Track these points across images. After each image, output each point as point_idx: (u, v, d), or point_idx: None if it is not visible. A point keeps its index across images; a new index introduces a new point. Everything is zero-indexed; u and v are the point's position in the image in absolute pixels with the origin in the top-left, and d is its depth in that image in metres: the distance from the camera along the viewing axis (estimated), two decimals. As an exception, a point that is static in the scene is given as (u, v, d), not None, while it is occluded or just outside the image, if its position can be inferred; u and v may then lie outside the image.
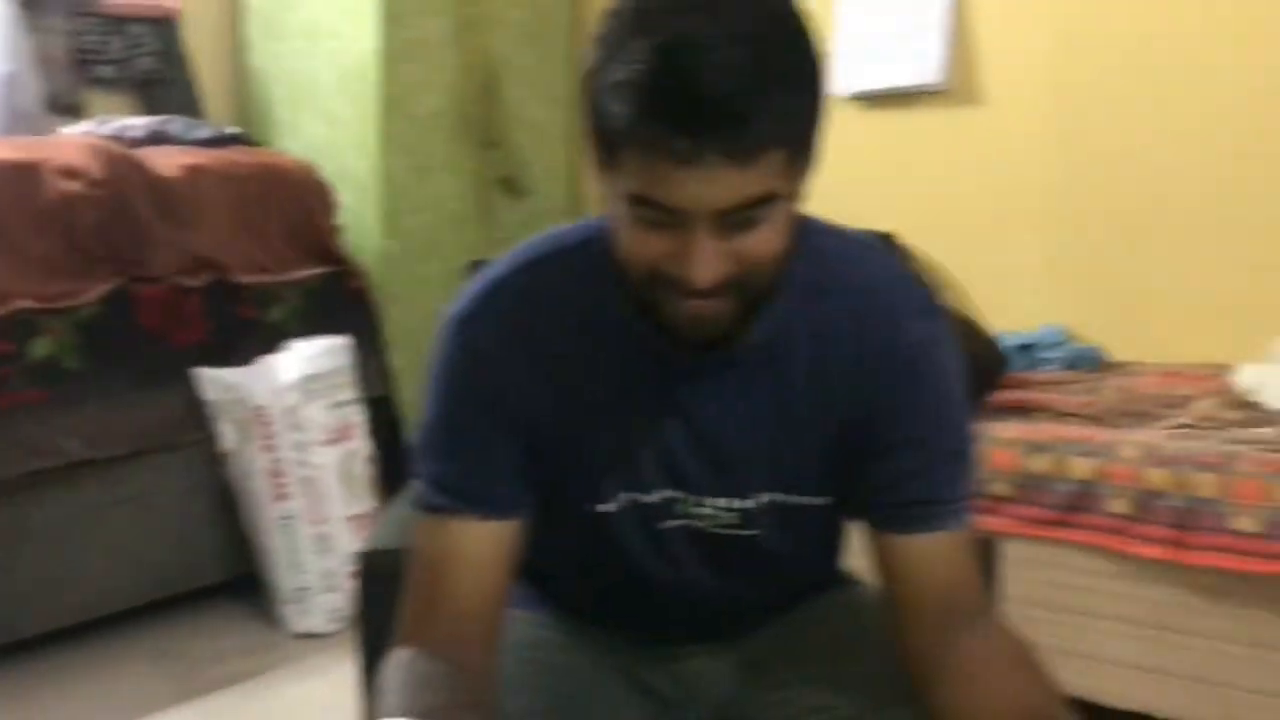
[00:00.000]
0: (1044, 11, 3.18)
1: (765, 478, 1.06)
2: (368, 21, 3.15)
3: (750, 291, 0.93)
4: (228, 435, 2.66)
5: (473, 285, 1.05)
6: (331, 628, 2.66)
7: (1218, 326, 2.99)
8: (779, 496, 1.07)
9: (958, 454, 1.05)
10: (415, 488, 1.04)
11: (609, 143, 0.88)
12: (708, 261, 0.88)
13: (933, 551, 1.03)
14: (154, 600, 2.68)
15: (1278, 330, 2.66)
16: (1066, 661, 2.12)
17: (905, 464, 1.03)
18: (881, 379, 1.03)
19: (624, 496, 1.06)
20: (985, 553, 1.22)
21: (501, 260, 1.06)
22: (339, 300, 2.96)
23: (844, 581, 1.25)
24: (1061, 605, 2.13)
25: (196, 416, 2.65)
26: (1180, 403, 2.57)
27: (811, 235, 1.04)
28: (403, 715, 0.88)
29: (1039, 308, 3.24)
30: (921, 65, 3.34)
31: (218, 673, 2.49)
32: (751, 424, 1.04)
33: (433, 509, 1.02)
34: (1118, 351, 3.13)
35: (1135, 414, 2.46)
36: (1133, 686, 2.07)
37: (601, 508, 1.06)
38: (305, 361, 2.69)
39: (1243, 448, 2.07)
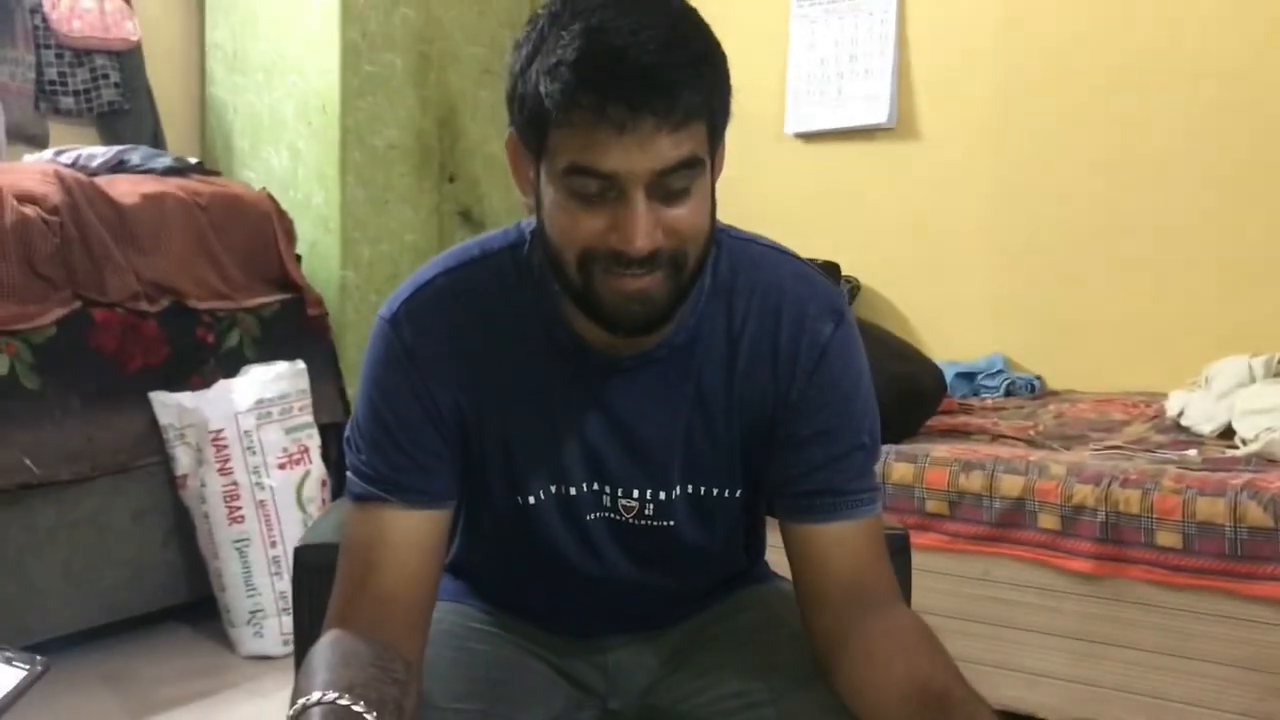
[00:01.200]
0: (985, 52, 3.30)
1: (682, 470, 1.12)
2: (329, 57, 3.21)
3: (681, 268, 0.99)
4: (182, 458, 2.69)
5: (402, 288, 1.11)
6: (285, 650, 2.68)
7: (1150, 355, 3.09)
8: (694, 488, 1.13)
9: (865, 447, 1.12)
10: (347, 478, 1.09)
11: (542, 128, 0.95)
12: (645, 228, 0.94)
13: (838, 540, 1.09)
14: (107, 623, 2.69)
15: (1207, 359, 2.75)
16: (999, 675, 2.19)
17: (814, 456, 1.10)
18: (792, 376, 1.09)
19: (549, 489, 1.12)
20: (900, 548, 1.28)
21: (431, 263, 1.13)
22: (296, 327, 3.00)
23: (762, 576, 1.31)
24: (994, 619, 2.20)
25: (152, 440, 2.68)
26: (1114, 427, 2.66)
27: (728, 239, 1.12)
28: (325, 690, 0.89)
29: (980, 338, 3.33)
30: (871, 106, 3.45)
31: (170, 694, 2.50)
32: (669, 418, 1.10)
33: (363, 498, 1.07)
34: (1055, 380, 3.23)
35: (1070, 438, 2.54)
36: (1064, 699, 2.13)
37: (526, 500, 1.12)
38: (261, 386, 2.73)
39: (1168, 467, 2.15)
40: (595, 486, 1.12)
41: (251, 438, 2.67)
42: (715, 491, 1.14)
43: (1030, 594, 2.16)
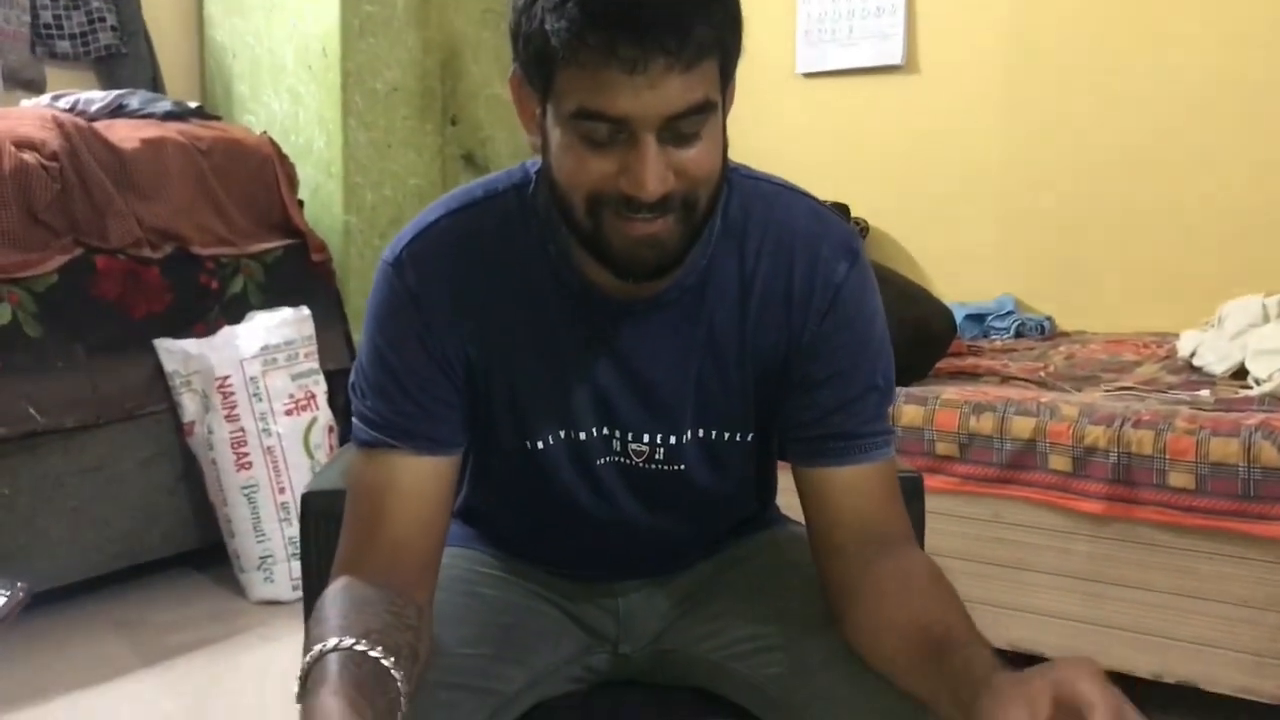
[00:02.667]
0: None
1: (693, 414, 1.10)
2: (328, -2, 3.17)
3: (692, 211, 0.96)
4: (189, 405, 2.68)
5: (406, 230, 1.09)
6: (294, 595, 2.69)
7: (1162, 295, 3.06)
8: (705, 432, 1.11)
9: (878, 389, 1.10)
10: (352, 424, 1.07)
11: (549, 67, 0.91)
12: (656, 171, 0.91)
13: (853, 483, 1.07)
14: (117, 570, 2.70)
15: (1219, 298, 2.73)
16: (1010, 616, 2.19)
17: (827, 399, 1.08)
18: (806, 316, 1.07)
19: (558, 434, 1.10)
20: (913, 491, 1.27)
21: (434, 205, 1.10)
22: (300, 273, 2.98)
23: (774, 521, 1.29)
24: (1004, 561, 2.19)
25: (158, 387, 2.67)
26: (1126, 368, 2.64)
27: (739, 178, 1.09)
28: (341, 636, 0.88)
29: (991, 279, 3.30)
30: (882, 46, 3.39)
31: (181, 639, 2.52)
32: (680, 362, 1.08)
33: (370, 444, 1.05)
34: (1066, 321, 3.20)
35: (1081, 379, 2.52)
36: (1073, 639, 2.13)
37: (536, 445, 1.10)
38: (266, 332, 2.71)
39: (1180, 408, 2.14)
40: (605, 431, 1.10)
41: (257, 384, 2.66)
42: (726, 435, 1.12)
43: (1040, 535, 2.15)
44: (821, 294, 1.07)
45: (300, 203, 3.05)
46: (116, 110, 2.81)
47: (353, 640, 0.88)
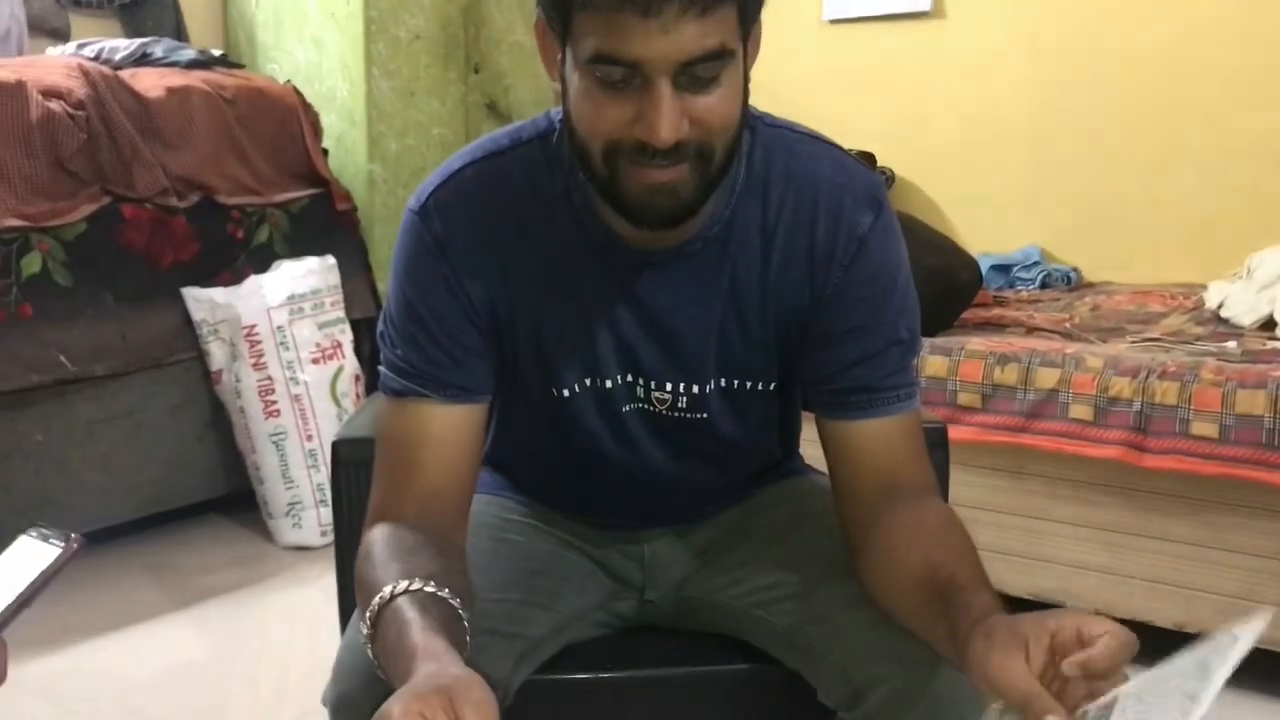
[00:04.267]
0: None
1: (715, 363, 1.11)
2: (350, -55, 3.15)
3: (708, 160, 0.96)
4: (217, 354, 2.70)
5: (431, 178, 1.09)
6: (323, 541, 2.73)
7: (1189, 246, 3.03)
8: (728, 381, 1.12)
9: (903, 342, 1.10)
10: (381, 373, 1.08)
11: (566, 11, 0.91)
12: (670, 118, 0.91)
13: (876, 435, 1.08)
14: (146, 515, 2.75)
15: (1247, 249, 2.70)
16: (1029, 565, 2.20)
17: (851, 352, 1.08)
18: (829, 269, 1.07)
19: (583, 382, 1.11)
20: (938, 441, 1.27)
21: (459, 154, 1.10)
22: (325, 222, 2.99)
23: (797, 470, 1.30)
24: (1024, 511, 2.19)
25: (186, 335, 2.70)
26: (1152, 319, 2.63)
27: (762, 127, 1.08)
28: (406, 579, 0.89)
29: (1016, 229, 3.28)
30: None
31: (210, 583, 2.56)
32: (703, 312, 1.08)
33: (399, 393, 1.06)
34: (1092, 272, 3.18)
35: (1107, 330, 2.51)
36: (1094, 589, 2.14)
37: (561, 393, 1.11)
38: (292, 281, 2.73)
39: (1207, 359, 2.12)
40: (629, 379, 1.11)
41: (284, 333, 2.68)
42: (749, 385, 1.13)
43: (1062, 486, 2.15)
44: (845, 246, 1.07)
45: (325, 152, 3.05)
46: (141, 59, 2.81)
47: (421, 583, 0.89)
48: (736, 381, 1.12)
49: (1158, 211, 3.08)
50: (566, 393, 1.11)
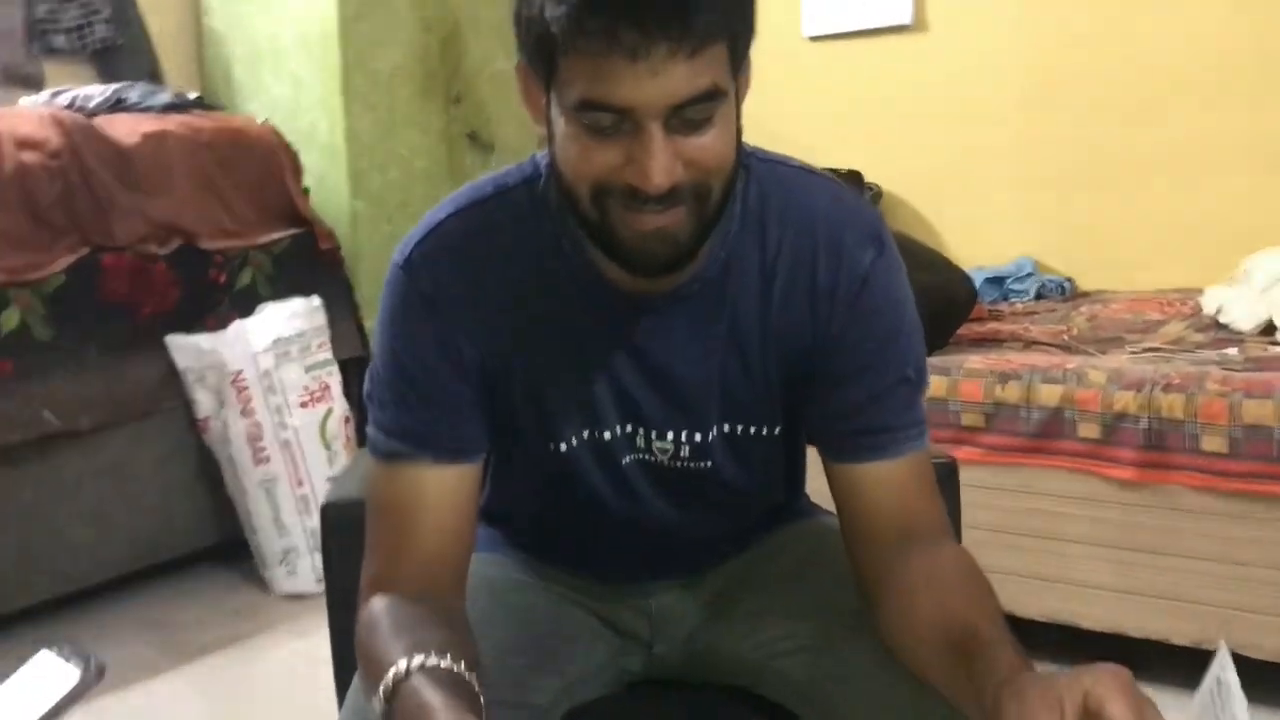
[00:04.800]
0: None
1: (719, 410, 1.06)
2: (325, -20, 3.12)
3: (704, 202, 0.92)
4: (203, 401, 2.66)
5: (415, 231, 1.05)
6: (319, 588, 2.67)
7: (1184, 252, 3.00)
8: (732, 427, 1.08)
9: (910, 381, 1.06)
10: (369, 434, 1.04)
11: (550, 55, 0.88)
12: (663, 162, 0.87)
13: (886, 478, 1.04)
14: (139, 569, 2.70)
15: (1243, 253, 2.67)
16: (1042, 587, 2.15)
17: (857, 393, 1.04)
18: (832, 308, 1.03)
19: (581, 434, 1.07)
20: (947, 477, 1.23)
21: (444, 203, 1.06)
22: (309, 262, 2.95)
23: (804, 512, 1.26)
24: (1035, 531, 2.15)
25: (171, 384, 2.65)
26: (1150, 327, 2.59)
27: (756, 162, 1.05)
28: (420, 653, 0.85)
29: (1008, 241, 3.25)
30: (891, 4, 3.33)
31: (207, 638, 2.51)
32: (703, 357, 1.04)
33: (389, 456, 1.02)
34: (1087, 281, 3.15)
35: (1105, 340, 2.48)
36: (1108, 609, 2.10)
37: (559, 446, 1.07)
38: (278, 324, 2.69)
39: (1210, 368, 2.09)
40: (629, 429, 1.07)
41: (271, 377, 2.64)
42: (753, 430, 1.08)
43: (1072, 504, 2.11)
44: (847, 284, 1.03)
45: (306, 190, 3.02)
46: (116, 105, 2.78)
47: (437, 658, 0.86)
48: (740, 427, 1.08)
49: (1151, 218, 3.05)
50: (565, 446, 1.07)
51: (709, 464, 1.08)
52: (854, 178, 3.16)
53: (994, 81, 3.23)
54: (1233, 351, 2.25)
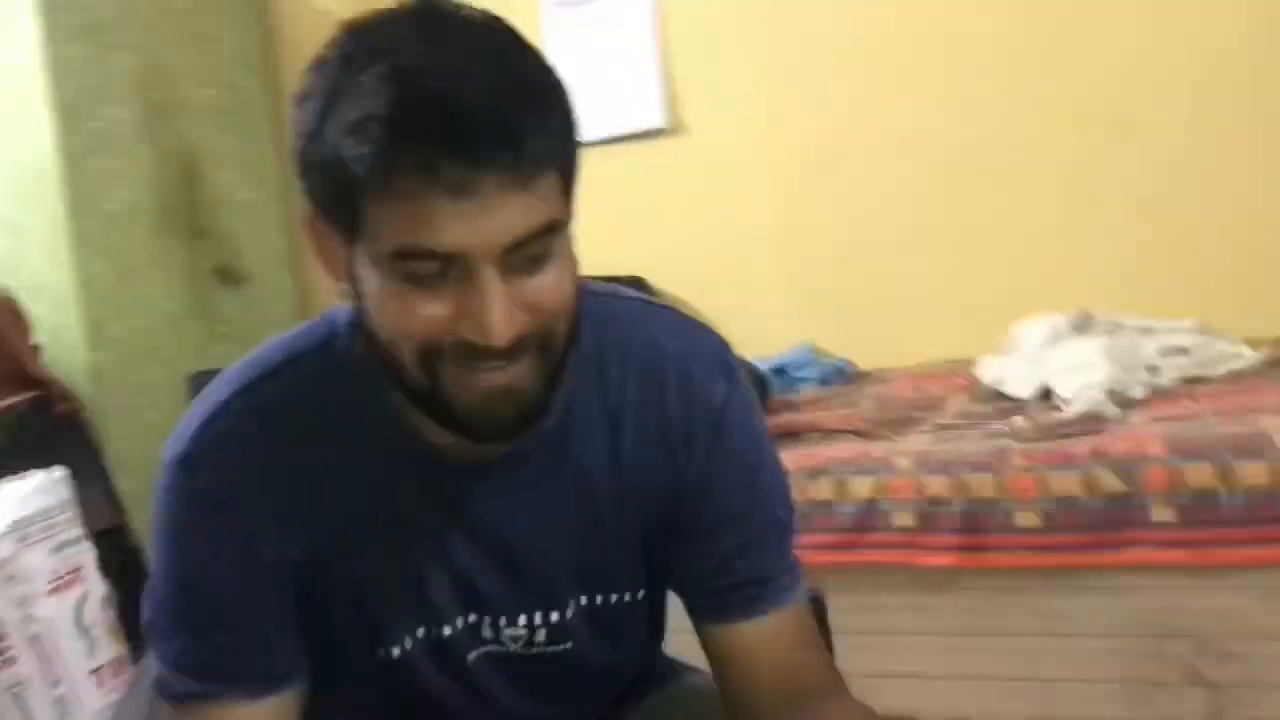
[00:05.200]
0: (745, 41, 3.24)
1: (573, 582, 0.94)
2: (42, 116, 2.85)
3: (550, 351, 0.81)
4: (-70, 603, 2.30)
5: (190, 418, 0.88)
6: (86, 800, 2.34)
7: (956, 323, 3.09)
8: (591, 599, 0.95)
9: (780, 522, 0.97)
10: (157, 673, 0.85)
11: (352, 202, 0.74)
12: (503, 311, 0.75)
13: (767, 635, 0.94)
14: None
15: (1011, 319, 2.76)
16: (878, 683, 2.09)
17: (726, 544, 0.94)
18: (688, 452, 0.93)
19: (415, 634, 0.91)
20: (814, 608, 1.14)
21: (221, 382, 0.89)
22: (46, 429, 2.64)
23: (665, 672, 1.13)
24: (862, 629, 2.10)
25: (-112, 588, 2.28)
26: (934, 403, 2.63)
27: (588, 299, 0.93)
28: None
29: (784, 329, 3.27)
30: (641, 110, 3.34)
31: None
32: (550, 523, 0.92)
33: (186, 697, 0.84)
34: (865, 361, 3.19)
35: (896, 421, 2.48)
36: (947, 697, 2.06)
37: (390, 652, 0.91)
38: (16, 504, 2.36)
39: (1005, 441, 2.11)
40: (472, 619, 0.92)
41: (11, 565, 2.31)
42: (614, 598, 0.96)
43: (895, 596, 2.07)
44: (703, 422, 0.93)
45: (36, 348, 2.71)
46: None
47: None
48: (600, 597, 0.95)
49: (919, 291, 3.13)
50: (397, 650, 0.91)
51: (569, 645, 0.95)
52: (637, 284, 3.11)
53: (752, 175, 3.28)
54: (1019, 420, 2.29)
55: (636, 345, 0.94)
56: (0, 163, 2.91)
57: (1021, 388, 2.54)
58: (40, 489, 2.41)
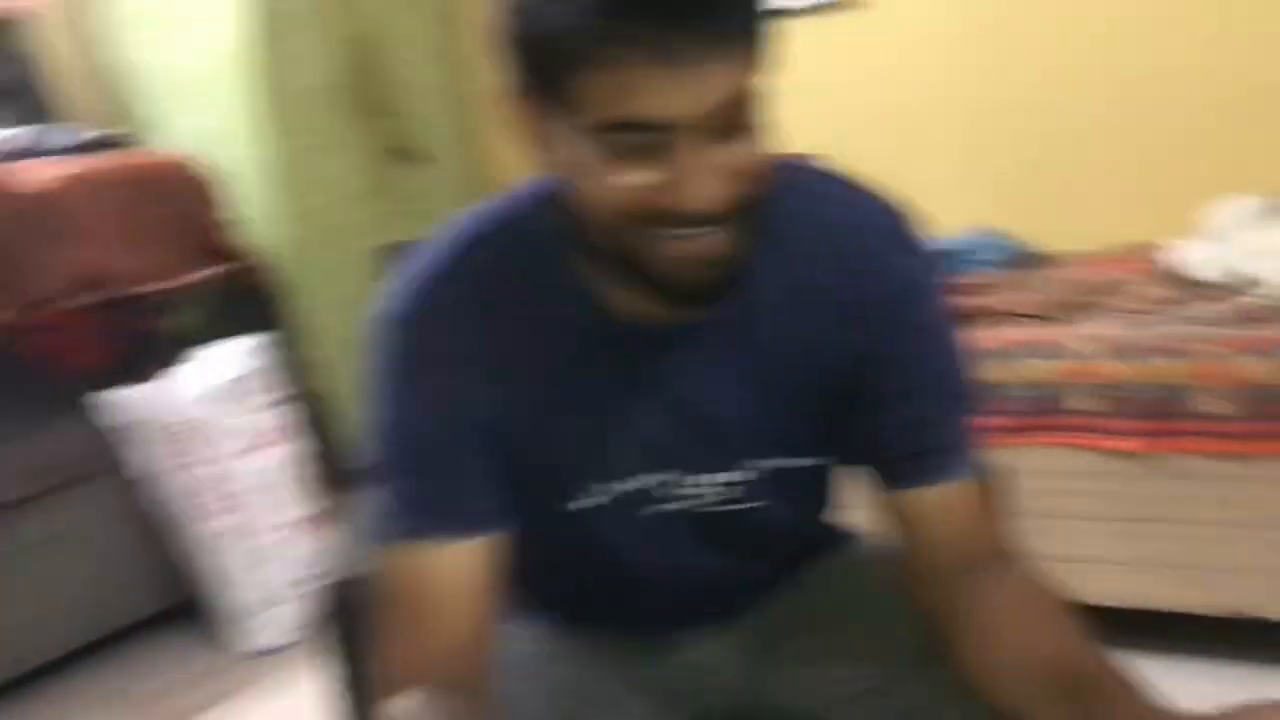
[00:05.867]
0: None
1: (760, 444, 0.96)
2: (231, 1, 2.95)
3: (749, 218, 0.82)
4: (139, 460, 2.49)
5: (405, 280, 0.93)
6: (281, 641, 2.53)
7: (1141, 205, 2.96)
8: (778, 462, 0.97)
9: (959, 394, 0.97)
10: (376, 513, 0.92)
11: (558, 74, 0.76)
12: (705, 178, 0.77)
13: (943, 504, 0.94)
14: (92, 641, 2.52)
15: (1200, 203, 2.63)
16: (1049, 567, 2.08)
17: (906, 414, 0.94)
18: (868, 325, 0.94)
19: (602, 488, 0.96)
20: (1004, 487, 1.14)
21: (433, 247, 0.94)
22: (245, 298, 2.78)
23: (840, 539, 1.16)
24: (1038, 511, 2.08)
25: (105, 444, 2.47)
26: (1116, 288, 2.54)
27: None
28: None
29: (961, 210, 3.17)
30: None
31: (174, 705, 2.36)
32: (736, 389, 0.94)
33: (402, 535, 0.91)
34: (1045, 244, 3.09)
35: (1077, 305, 2.41)
36: (1118, 583, 2.03)
37: (579, 504, 0.96)
38: (216, 369, 2.52)
39: (1196, 328, 2.04)
40: (658, 477, 0.96)
41: (210, 427, 2.47)
42: (797, 462, 0.98)
43: (1073, 480, 2.04)
44: (884, 299, 0.93)
45: (233, 223, 2.85)
46: (23, 150, 2.59)
47: None
48: (784, 461, 0.97)
49: (1104, 172, 3.01)
50: (589, 503, 0.96)
51: (753, 505, 0.98)
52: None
53: (932, 47, 3.17)
54: (1220, 306, 2.19)
55: (820, 217, 0.94)
56: (198, 45, 3.03)
57: (1210, 272, 2.43)
58: (238, 355, 2.57)
